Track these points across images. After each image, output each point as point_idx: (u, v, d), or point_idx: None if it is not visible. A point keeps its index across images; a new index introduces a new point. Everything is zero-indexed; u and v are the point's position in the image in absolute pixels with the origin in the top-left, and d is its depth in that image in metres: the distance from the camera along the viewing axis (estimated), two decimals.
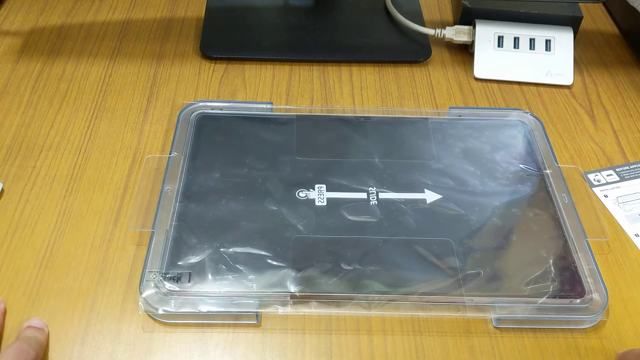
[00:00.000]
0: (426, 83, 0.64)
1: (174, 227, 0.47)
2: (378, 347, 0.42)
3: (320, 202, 0.49)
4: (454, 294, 0.44)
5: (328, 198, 0.50)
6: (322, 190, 0.50)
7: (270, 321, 0.43)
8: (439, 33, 0.66)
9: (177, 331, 0.42)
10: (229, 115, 0.57)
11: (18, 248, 0.46)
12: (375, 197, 0.50)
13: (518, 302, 0.44)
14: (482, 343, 0.43)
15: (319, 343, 0.42)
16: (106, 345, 0.41)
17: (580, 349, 0.43)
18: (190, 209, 0.48)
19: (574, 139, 0.58)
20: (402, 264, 0.45)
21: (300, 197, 0.50)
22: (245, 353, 0.41)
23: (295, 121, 0.57)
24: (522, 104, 0.62)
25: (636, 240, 0.50)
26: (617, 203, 0.53)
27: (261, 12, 0.70)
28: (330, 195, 0.50)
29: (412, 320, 0.44)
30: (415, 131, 0.56)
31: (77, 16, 0.69)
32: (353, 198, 0.50)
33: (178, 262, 0.44)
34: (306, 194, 0.50)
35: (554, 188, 0.52)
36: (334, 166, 0.52)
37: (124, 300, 0.44)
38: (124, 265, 0.46)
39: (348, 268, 0.45)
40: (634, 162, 0.56)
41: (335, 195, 0.50)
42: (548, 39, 0.65)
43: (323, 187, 0.50)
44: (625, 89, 0.65)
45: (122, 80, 0.61)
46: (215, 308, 0.42)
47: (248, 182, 0.50)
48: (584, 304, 0.44)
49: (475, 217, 0.49)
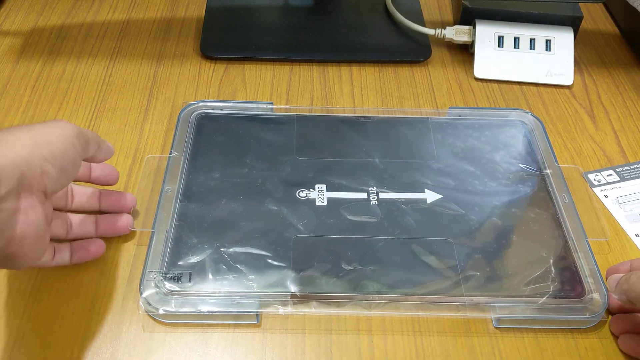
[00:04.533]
0: (426, 83, 0.64)
1: (174, 227, 0.47)
2: (378, 347, 0.42)
3: (321, 202, 0.49)
4: (454, 294, 0.44)
5: (328, 198, 0.50)
6: (322, 190, 0.50)
7: (270, 321, 0.43)
8: (439, 33, 0.66)
9: (177, 331, 0.42)
10: (229, 115, 0.57)
11: None
12: (376, 197, 0.50)
13: (518, 302, 0.44)
14: (482, 343, 0.43)
15: (319, 343, 0.42)
16: (106, 345, 0.41)
17: (580, 349, 0.43)
18: (190, 208, 0.48)
19: (574, 139, 0.58)
20: (402, 264, 0.45)
21: (301, 197, 0.50)
22: (245, 353, 0.41)
23: (295, 121, 0.56)
24: (522, 104, 0.62)
25: (636, 240, 0.50)
26: (617, 203, 0.53)
27: (261, 12, 0.70)
28: (330, 195, 0.50)
29: (412, 321, 0.44)
30: (415, 131, 0.56)
31: (77, 16, 0.69)
32: (353, 198, 0.50)
33: (178, 262, 0.44)
34: (306, 194, 0.50)
35: (554, 188, 0.52)
36: (334, 166, 0.52)
37: (124, 300, 0.44)
38: (124, 265, 0.46)
39: (348, 268, 0.45)
40: (634, 162, 0.56)
41: (336, 195, 0.50)
42: (548, 39, 0.65)
43: (323, 187, 0.50)
44: (625, 89, 0.65)
45: (122, 80, 0.61)
46: (216, 308, 0.42)
47: (248, 182, 0.50)
48: (584, 304, 0.44)
49: (475, 217, 0.49)
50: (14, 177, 0.33)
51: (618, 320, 0.43)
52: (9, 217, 0.33)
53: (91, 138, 0.39)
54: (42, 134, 0.35)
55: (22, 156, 0.34)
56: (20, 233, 0.34)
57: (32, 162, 0.34)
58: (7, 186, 0.32)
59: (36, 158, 0.34)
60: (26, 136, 0.35)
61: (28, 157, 0.34)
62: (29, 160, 0.34)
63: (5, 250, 0.34)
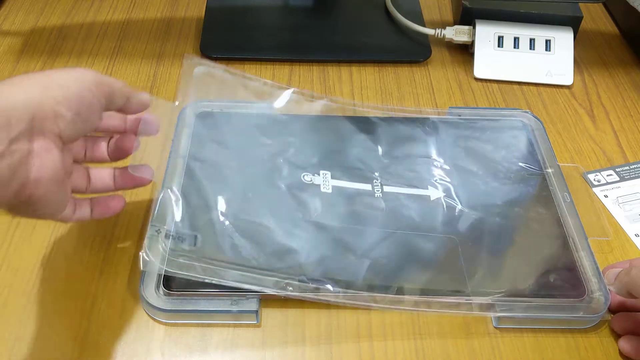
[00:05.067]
0: (426, 83, 0.64)
1: (174, 228, 0.46)
2: (378, 347, 0.42)
3: (326, 189, 0.49)
4: (455, 294, 0.44)
5: (333, 186, 0.49)
6: (327, 177, 0.50)
7: (270, 321, 0.43)
8: (439, 33, 0.66)
9: (177, 331, 0.42)
10: (230, 114, 0.56)
11: (18, 248, 0.46)
12: (380, 189, 0.50)
13: (518, 301, 0.44)
14: (482, 343, 0.43)
15: (319, 343, 0.42)
16: (106, 345, 0.41)
17: (580, 349, 0.43)
18: (198, 174, 0.48)
19: (574, 139, 0.58)
20: (403, 262, 0.45)
21: (306, 180, 0.49)
22: (245, 353, 0.41)
23: (296, 121, 0.56)
24: (522, 104, 0.62)
25: (636, 240, 0.50)
26: (617, 203, 0.53)
27: (261, 12, 0.70)
28: (335, 183, 0.50)
29: (412, 321, 0.44)
30: (416, 130, 0.56)
31: (77, 16, 0.69)
32: (357, 189, 0.49)
33: (185, 223, 0.44)
34: (311, 179, 0.49)
35: (555, 187, 0.52)
36: (337, 156, 0.52)
37: (124, 300, 0.44)
38: (124, 265, 0.46)
39: (352, 259, 0.45)
40: (634, 162, 0.56)
41: (340, 184, 0.50)
42: (548, 39, 0.65)
43: (328, 174, 0.50)
44: (625, 89, 0.65)
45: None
46: (216, 307, 0.42)
47: (249, 182, 0.50)
48: (585, 304, 0.44)
49: (476, 215, 0.49)
50: (25, 118, 0.32)
51: (620, 319, 0.43)
52: (21, 160, 0.32)
53: (117, 89, 0.38)
54: (56, 77, 0.35)
55: (33, 97, 0.33)
56: (35, 177, 0.33)
57: (44, 103, 0.33)
58: (17, 127, 0.32)
59: (48, 100, 0.33)
60: (39, 78, 0.34)
61: (39, 98, 0.33)
62: (41, 101, 0.33)
63: (21, 194, 0.33)
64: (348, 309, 0.43)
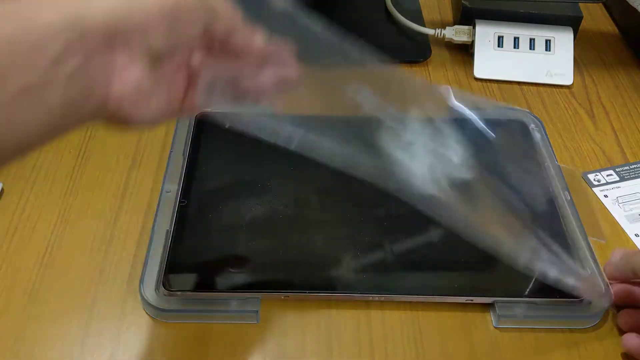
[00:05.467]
0: None
1: (174, 229, 0.46)
2: (378, 346, 0.42)
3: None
4: (455, 293, 0.44)
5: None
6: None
7: (270, 321, 0.43)
8: (439, 33, 0.66)
9: (178, 331, 0.42)
10: (230, 114, 0.56)
11: (18, 248, 0.46)
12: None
13: (518, 302, 0.44)
14: (482, 343, 0.43)
15: (319, 343, 0.42)
16: (106, 345, 0.41)
17: (581, 349, 0.43)
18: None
19: (574, 139, 0.58)
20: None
21: None
22: (245, 353, 0.41)
23: (298, 120, 0.56)
24: (522, 103, 0.62)
25: (636, 240, 0.50)
26: (617, 203, 0.53)
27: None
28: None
29: (412, 320, 0.43)
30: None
31: None
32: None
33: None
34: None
35: (555, 187, 0.51)
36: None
37: (124, 300, 0.44)
38: (124, 265, 0.46)
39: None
40: (634, 162, 0.56)
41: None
42: (548, 39, 0.65)
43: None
44: (625, 89, 0.65)
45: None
46: (216, 307, 0.42)
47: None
48: (585, 304, 0.44)
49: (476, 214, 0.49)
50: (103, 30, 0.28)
51: (626, 315, 0.43)
52: (102, 74, 0.28)
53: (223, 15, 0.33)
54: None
55: (118, 7, 0.28)
56: (118, 93, 0.29)
57: (131, 14, 0.29)
58: (94, 40, 0.27)
59: (136, 11, 0.29)
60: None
61: (126, 8, 0.28)
62: (127, 11, 0.29)
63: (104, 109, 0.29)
64: (348, 309, 0.43)
